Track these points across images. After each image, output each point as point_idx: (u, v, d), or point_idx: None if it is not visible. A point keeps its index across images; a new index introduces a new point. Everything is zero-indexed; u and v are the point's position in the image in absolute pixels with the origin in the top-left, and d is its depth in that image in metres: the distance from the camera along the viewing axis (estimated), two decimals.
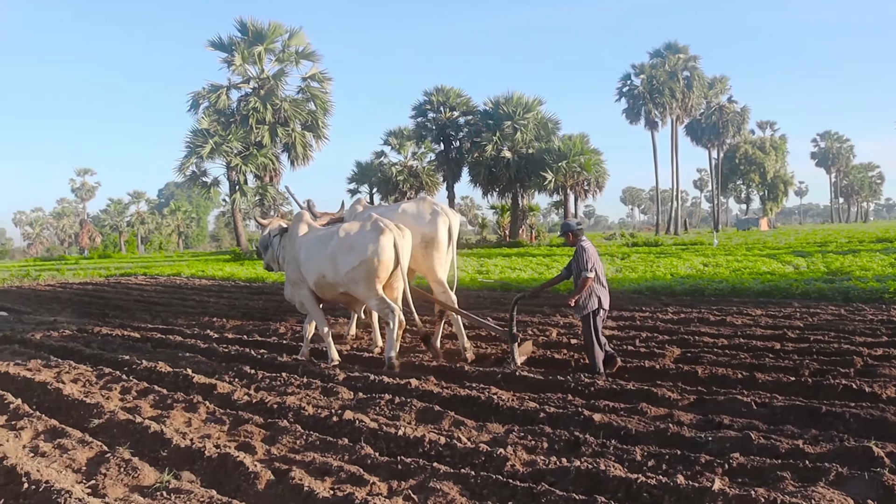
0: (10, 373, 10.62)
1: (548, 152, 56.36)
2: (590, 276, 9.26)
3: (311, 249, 10.57)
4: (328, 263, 10.21)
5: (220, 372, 10.25)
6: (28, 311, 20.97)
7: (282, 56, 48.50)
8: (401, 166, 71.12)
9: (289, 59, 48.58)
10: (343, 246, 10.03)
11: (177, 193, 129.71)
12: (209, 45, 47.83)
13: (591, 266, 9.31)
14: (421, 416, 7.54)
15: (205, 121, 47.37)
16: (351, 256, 9.90)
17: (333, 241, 10.20)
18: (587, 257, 9.37)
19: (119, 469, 6.19)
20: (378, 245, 9.76)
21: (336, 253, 10.09)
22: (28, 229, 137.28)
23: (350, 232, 10.11)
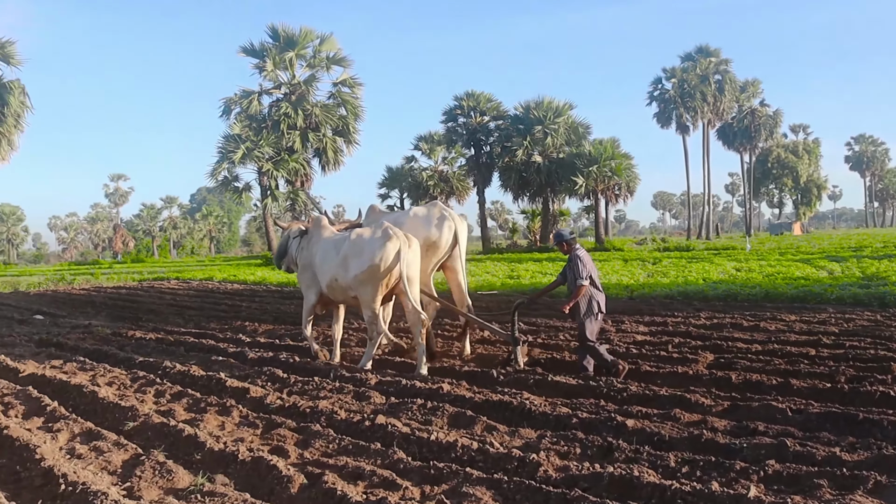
0: (47, 375, 10.75)
1: (578, 157, 56.14)
2: (584, 284, 9.59)
3: (326, 253, 10.93)
4: (340, 267, 10.55)
5: (252, 376, 10.30)
6: (63, 314, 21.21)
7: (313, 62, 48.72)
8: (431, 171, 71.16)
9: (320, 64, 48.79)
10: (354, 250, 10.38)
11: (209, 198, 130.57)
12: (241, 52, 48.17)
13: (586, 275, 9.62)
14: (453, 420, 7.53)
15: (237, 126, 47.67)
16: (360, 260, 10.22)
17: (345, 246, 10.57)
18: (581, 266, 9.68)
19: (154, 472, 6.23)
20: (384, 251, 10.06)
21: (347, 256, 10.44)
22: (63, 234, 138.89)
23: (360, 237, 10.47)
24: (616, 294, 19.90)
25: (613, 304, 17.40)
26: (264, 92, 48.74)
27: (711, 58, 70.44)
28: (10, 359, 12.56)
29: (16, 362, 12.19)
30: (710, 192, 78.65)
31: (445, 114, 62.45)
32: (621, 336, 12.66)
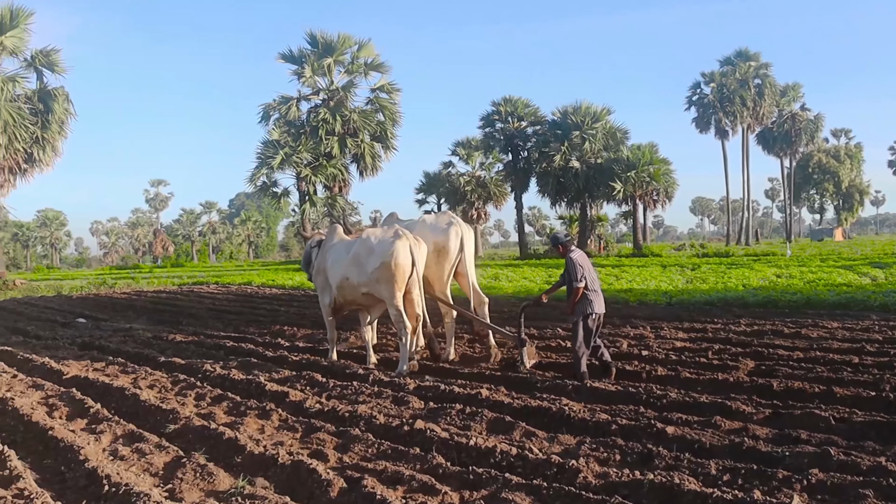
0: (90, 378, 10.90)
1: (616, 162, 55.87)
2: (579, 285, 9.97)
3: (337, 255, 11.64)
4: (352, 266, 11.21)
5: (291, 380, 10.37)
6: (105, 318, 21.48)
7: (351, 68, 48.89)
8: (469, 177, 71.17)
9: (358, 70, 48.94)
10: (365, 249, 11.05)
11: (247, 204, 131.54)
12: (280, 58, 48.45)
13: (581, 276, 9.97)
14: (492, 426, 7.53)
15: (275, 132, 47.96)
16: (373, 258, 10.87)
17: (356, 246, 11.28)
18: (577, 268, 10.03)
19: (195, 474, 6.30)
20: (395, 249, 10.69)
21: (359, 255, 11.10)
22: (104, 238, 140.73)
23: (372, 237, 11.15)
24: (655, 300, 19.78)
25: (652, 311, 17.34)
26: (303, 98, 49.00)
27: (751, 62, 69.69)
28: (54, 361, 12.75)
29: (59, 364, 12.39)
30: (749, 197, 77.75)
31: (483, 119, 62.42)
32: (660, 342, 12.55)
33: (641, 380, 9.60)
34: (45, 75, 43.23)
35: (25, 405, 9.18)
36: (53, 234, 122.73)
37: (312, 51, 47.49)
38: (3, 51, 41.24)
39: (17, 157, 41.75)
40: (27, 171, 43.26)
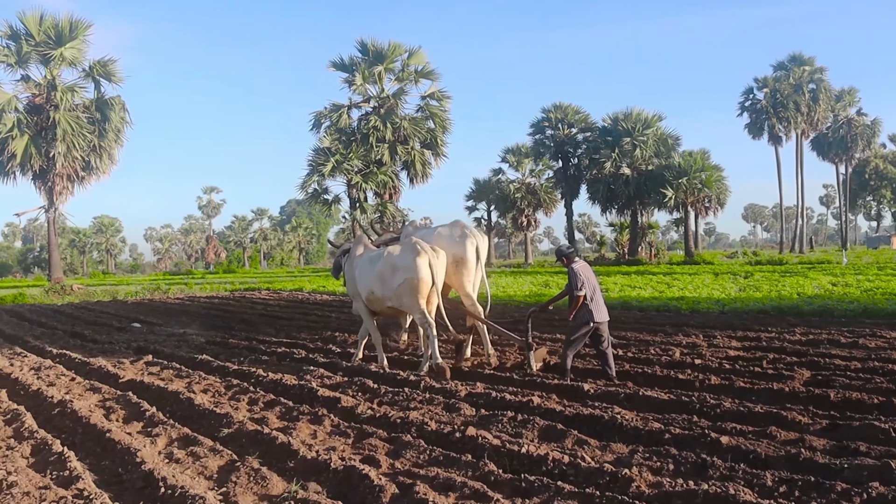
0: (145, 382, 11.06)
1: (668, 169, 55.45)
2: (580, 294, 10.52)
3: (363, 269, 12.19)
4: (376, 281, 11.78)
5: (343, 386, 10.43)
6: (159, 322, 21.78)
7: (401, 75, 49.10)
8: (518, 183, 71.21)
9: (408, 77, 49.15)
10: (387, 266, 11.59)
11: (298, 210, 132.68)
12: (331, 66, 48.84)
13: (581, 285, 10.51)
14: (544, 433, 7.49)
15: (326, 139, 48.30)
16: (396, 276, 11.43)
17: (380, 263, 11.78)
18: (577, 278, 10.56)
19: (248, 478, 6.36)
20: (416, 265, 11.23)
21: (382, 272, 11.65)
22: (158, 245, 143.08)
23: (393, 254, 11.65)
24: (707, 308, 19.57)
25: (704, 319, 17.15)
26: (354, 105, 49.32)
27: (805, 66, 68.64)
28: (111, 365, 12.99)
29: (116, 368, 12.61)
30: (803, 204, 76.58)
31: (533, 126, 62.31)
32: (713, 351, 12.40)
33: (694, 388, 9.49)
34: (102, 85, 44.22)
35: (84, 408, 9.35)
36: (109, 240, 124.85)
37: (363, 59, 47.80)
38: (62, 62, 42.18)
39: (75, 165, 42.64)
40: (84, 179, 44.15)
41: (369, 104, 49.22)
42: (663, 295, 23.89)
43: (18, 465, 7.07)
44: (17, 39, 41.26)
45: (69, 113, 41.67)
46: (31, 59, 41.94)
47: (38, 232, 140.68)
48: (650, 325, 16.41)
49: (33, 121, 41.80)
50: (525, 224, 73.43)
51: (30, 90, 42.66)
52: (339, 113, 48.11)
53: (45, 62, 42.17)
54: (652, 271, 41.25)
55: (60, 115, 41.01)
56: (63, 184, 43.11)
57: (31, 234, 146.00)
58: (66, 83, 43.00)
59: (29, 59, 41.91)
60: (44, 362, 13.97)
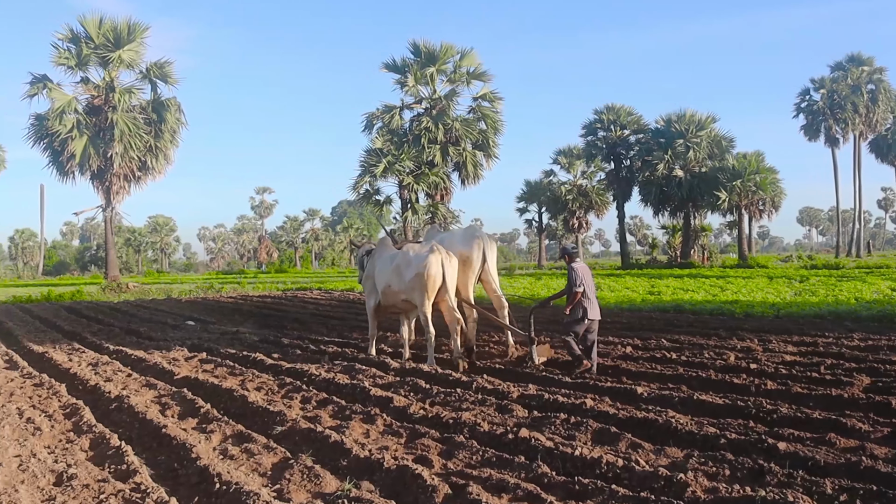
0: (200, 379, 11.21)
1: (721, 171, 54.78)
2: (577, 290, 11.59)
3: (382, 265, 13.34)
4: (393, 275, 12.89)
5: (395, 386, 10.45)
6: (213, 321, 22.03)
7: (453, 76, 49.16)
8: (570, 185, 70.96)
9: (460, 79, 49.18)
10: (405, 262, 12.69)
11: (349, 211, 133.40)
12: (383, 67, 49.07)
13: (579, 283, 11.56)
14: (597, 436, 7.43)
15: (378, 141, 48.53)
16: (409, 270, 12.50)
17: (398, 259, 12.93)
18: (576, 276, 11.61)
19: (302, 475, 6.39)
20: (428, 262, 12.26)
21: (399, 266, 12.78)
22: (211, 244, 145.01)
23: (410, 252, 12.82)
24: (762, 312, 19.27)
25: (759, 323, 16.93)
26: (405, 107, 49.48)
27: (864, 66, 67.33)
28: (166, 362, 13.18)
29: (171, 365, 12.80)
30: (861, 207, 75.18)
31: (585, 127, 61.93)
32: (769, 356, 12.21)
33: (750, 393, 9.35)
34: (158, 86, 44.97)
35: (140, 403, 9.50)
36: (163, 239, 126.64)
37: (415, 60, 47.93)
38: (120, 64, 42.93)
39: (132, 165, 43.37)
40: (141, 179, 44.88)
41: (421, 105, 49.35)
42: (716, 298, 23.61)
43: (78, 458, 7.20)
44: (77, 42, 42.10)
45: (126, 114, 42.41)
46: (91, 61, 42.78)
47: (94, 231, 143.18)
48: (704, 328, 16.22)
49: (92, 122, 42.62)
50: (576, 226, 73.12)
51: (89, 92, 43.51)
52: (391, 114, 48.31)
53: (103, 64, 42.96)
54: (704, 274, 40.80)
55: (118, 116, 41.75)
56: (120, 183, 43.88)
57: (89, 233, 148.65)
58: (124, 85, 43.80)
59: (88, 62, 42.75)
60: (101, 358, 14.21)
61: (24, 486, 6.31)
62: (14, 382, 11.91)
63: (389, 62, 48.66)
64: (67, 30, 42.19)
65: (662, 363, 11.89)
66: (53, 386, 11.22)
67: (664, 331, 15.98)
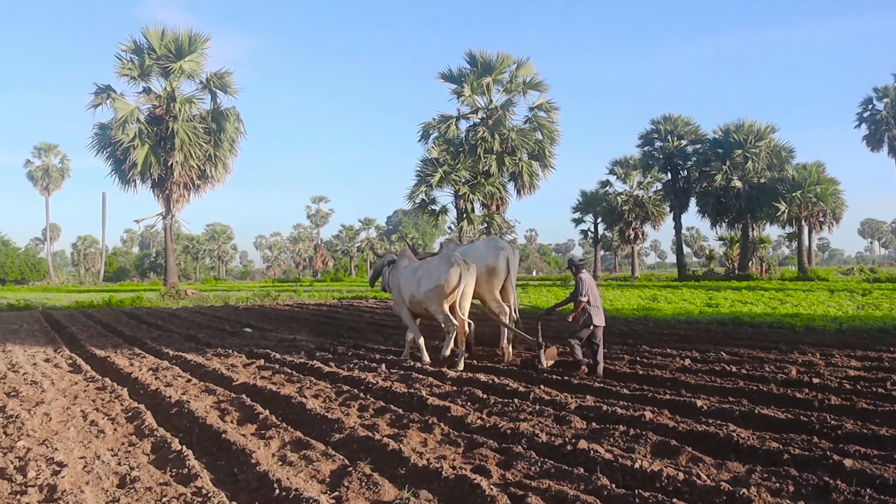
0: (258, 385, 11.30)
1: (781, 182, 54.03)
2: (582, 299, 12.38)
3: (407, 276, 14.25)
4: (416, 286, 13.81)
5: (452, 395, 10.43)
6: (269, 328, 22.24)
7: (509, 86, 49.16)
8: (626, 196, 70.41)
9: (516, 89, 49.17)
10: (425, 273, 13.65)
11: (404, 221, 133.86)
12: (440, 77, 49.27)
13: (585, 292, 12.38)
14: (656, 449, 7.34)
15: (434, 150, 48.69)
16: (429, 281, 13.46)
17: (420, 270, 13.90)
18: (582, 286, 12.42)
19: (360, 483, 6.40)
20: (447, 274, 13.27)
21: (420, 278, 13.71)
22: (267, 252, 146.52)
23: (431, 264, 13.76)
24: (823, 326, 18.92)
25: (821, 337, 16.61)
26: (462, 116, 49.60)
27: None
28: (224, 368, 13.34)
29: (229, 371, 12.95)
30: None
31: (641, 137, 61.54)
32: (832, 370, 11.97)
33: (813, 409, 9.17)
34: (218, 96, 45.56)
35: (200, 408, 9.61)
36: (221, 247, 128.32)
37: (472, 70, 48.04)
38: (181, 74, 43.62)
39: (192, 174, 44.00)
40: (200, 187, 45.51)
41: (477, 115, 49.43)
42: (776, 311, 23.24)
43: (140, 461, 7.30)
44: (140, 53, 42.88)
45: (187, 123, 43.08)
46: (153, 72, 43.54)
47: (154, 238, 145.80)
48: (763, 341, 15.95)
49: (153, 131, 43.34)
50: (632, 237, 72.53)
51: (150, 102, 44.28)
52: (447, 124, 48.47)
53: (165, 75, 43.70)
54: (763, 287, 40.20)
55: (179, 126, 42.43)
56: (180, 192, 44.55)
57: (148, 240, 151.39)
58: (185, 95, 44.50)
59: (151, 72, 43.52)
60: (161, 363, 14.43)
61: (89, 487, 6.42)
62: (78, 386, 12.16)
63: (446, 72, 48.86)
64: (131, 41, 43.03)
65: (722, 376, 11.70)
66: (116, 390, 11.42)
67: (723, 343, 15.76)
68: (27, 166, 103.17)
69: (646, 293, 35.98)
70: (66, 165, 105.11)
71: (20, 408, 10.12)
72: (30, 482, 6.58)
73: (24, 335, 21.64)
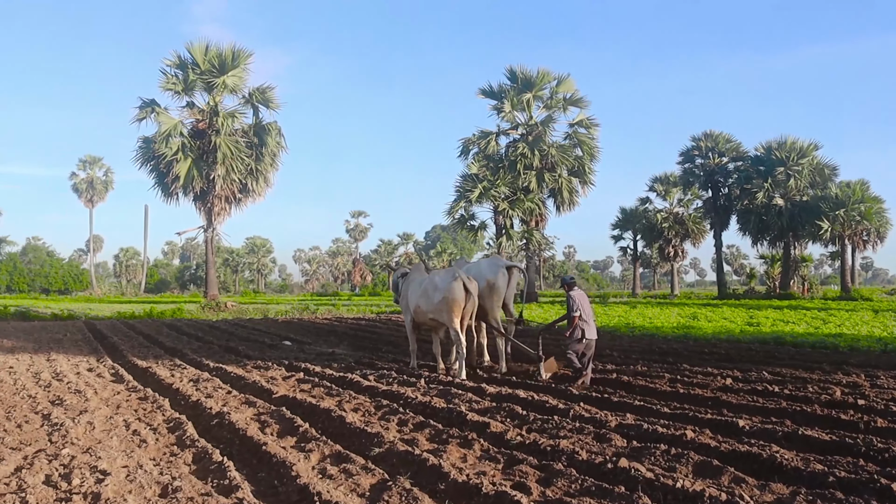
0: (298, 398, 11.36)
1: (824, 200, 53.46)
2: (575, 315, 13.31)
3: (414, 289, 15.23)
4: (422, 298, 14.76)
5: (491, 411, 10.39)
6: (309, 341, 22.35)
7: (549, 102, 49.19)
8: (666, 213, 70.01)
9: (556, 105, 49.19)
10: (432, 286, 14.57)
11: (442, 236, 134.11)
12: (480, 93, 49.42)
13: (576, 308, 13.30)
14: (698, 469, 7.25)
15: (474, 166, 48.80)
16: (437, 294, 14.37)
17: (426, 283, 14.86)
18: (573, 303, 13.34)
19: (400, 497, 6.39)
20: (452, 288, 14.17)
21: (427, 290, 14.67)
22: (306, 266, 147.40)
23: (437, 277, 14.77)
24: (868, 346, 18.60)
25: (866, 358, 16.38)
26: (502, 132, 49.70)
27: None
28: (264, 381, 13.42)
29: (269, 384, 13.01)
30: None
31: (682, 154, 61.20)
32: (878, 392, 11.76)
33: (859, 430, 9.02)
34: (260, 111, 45.90)
35: (240, 420, 9.67)
36: (260, 260, 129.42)
37: (512, 86, 48.17)
38: (224, 89, 44.07)
39: (233, 187, 44.36)
40: (241, 201, 45.83)
41: (517, 131, 49.51)
42: (819, 331, 22.92)
43: (182, 471, 7.35)
44: (184, 68, 43.39)
45: (229, 137, 43.48)
46: (196, 86, 44.01)
47: (194, 250, 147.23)
48: (806, 361, 15.74)
49: (196, 145, 43.78)
50: (672, 254, 72.06)
51: (194, 116, 44.76)
52: (487, 140, 48.59)
53: (208, 89, 44.16)
54: (805, 306, 39.69)
55: (221, 140, 42.83)
56: (221, 205, 44.91)
57: (188, 253, 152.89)
58: (227, 109, 44.91)
59: (194, 87, 44.00)
60: (201, 375, 14.56)
61: (132, 495, 6.48)
62: (120, 395, 12.30)
63: (486, 88, 49.03)
64: (175, 56, 43.56)
65: (764, 396, 11.56)
66: (157, 400, 11.54)
67: (764, 363, 15.57)
68: (72, 178, 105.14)
69: (685, 311, 35.67)
70: (110, 178, 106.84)
71: (65, 416, 10.27)
72: (74, 489, 6.66)
73: (68, 344, 21.97)
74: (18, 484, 6.88)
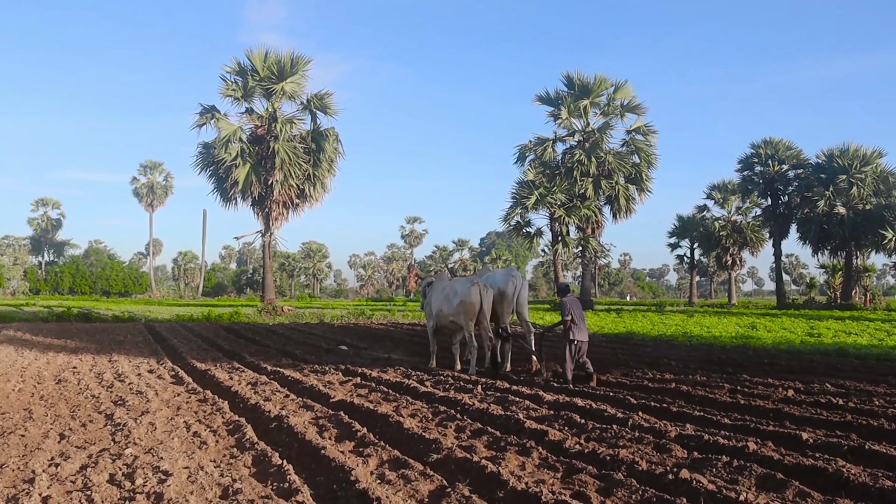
0: (355, 403, 11.39)
1: (888, 208, 52.40)
2: (567, 318, 14.43)
3: (437, 295, 16.96)
4: (444, 302, 16.49)
5: (549, 419, 10.33)
6: (364, 346, 22.46)
7: (607, 109, 48.96)
8: (724, 221, 69.22)
9: (614, 112, 48.95)
10: (451, 292, 16.33)
11: (497, 243, 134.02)
12: (536, 100, 49.37)
13: (568, 312, 14.43)
14: (761, 482, 7.12)
15: (530, 173, 48.69)
16: (455, 299, 16.06)
17: (447, 289, 16.61)
18: (566, 308, 14.50)
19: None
20: (468, 294, 15.83)
21: (448, 295, 16.39)
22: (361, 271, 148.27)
23: (457, 284, 16.52)
24: None
25: None
26: (558, 139, 49.60)
27: None
28: (321, 385, 13.50)
29: (326, 388, 13.09)
30: None
31: (741, 162, 60.45)
32: None
33: None
34: (318, 117, 46.35)
35: (298, 424, 9.73)
36: (316, 265, 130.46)
37: (569, 92, 48.02)
38: (283, 95, 44.60)
39: (291, 193, 44.82)
40: (298, 206, 46.29)
41: (574, 138, 49.36)
42: (883, 343, 22.43)
43: (242, 473, 7.42)
44: (243, 75, 44.00)
45: (287, 143, 43.94)
46: (256, 93, 44.62)
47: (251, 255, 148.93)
48: (871, 374, 15.40)
49: (255, 150, 44.34)
50: (729, 263, 71.21)
51: (252, 122, 45.36)
52: (543, 146, 48.52)
53: (267, 96, 44.73)
54: (868, 317, 38.88)
55: (279, 146, 43.31)
56: (279, 210, 45.40)
57: (245, 257, 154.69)
58: (286, 115, 45.44)
59: (253, 93, 44.61)
60: (259, 378, 14.69)
61: (194, 496, 6.55)
62: (181, 397, 12.46)
63: (543, 94, 48.95)
64: (235, 63, 44.22)
65: (828, 409, 11.32)
66: (217, 402, 11.67)
67: (827, 375, 15.27)
68: (133, 183, 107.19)
69: (744, 321, 35.18)
70: (170, 183, 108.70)
71: (127, 416, 10.44)
72: (137, 489, 6.76)
73: (129, 346, 22.34)
74: (84, 482, 7.00)
